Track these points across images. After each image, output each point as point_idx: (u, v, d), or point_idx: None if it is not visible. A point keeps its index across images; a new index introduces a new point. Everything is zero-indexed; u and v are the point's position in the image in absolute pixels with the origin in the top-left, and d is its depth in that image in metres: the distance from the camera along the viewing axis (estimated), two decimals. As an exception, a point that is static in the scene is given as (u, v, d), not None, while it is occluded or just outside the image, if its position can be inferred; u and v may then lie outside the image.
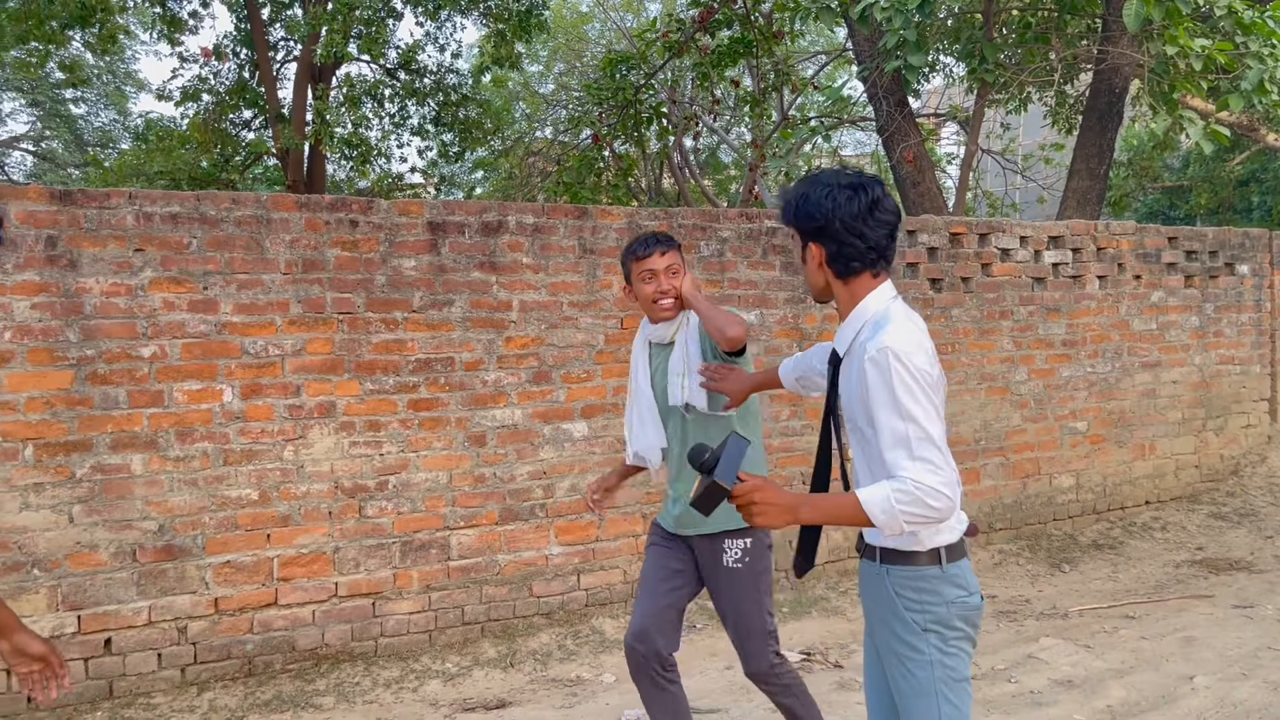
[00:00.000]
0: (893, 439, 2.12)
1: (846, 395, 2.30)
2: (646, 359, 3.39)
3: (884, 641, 2.32)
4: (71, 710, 4.20)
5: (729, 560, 3.20)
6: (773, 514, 2.14)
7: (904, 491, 2.07)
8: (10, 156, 23.64)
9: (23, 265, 4.10)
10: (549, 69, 21.15)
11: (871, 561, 2.34)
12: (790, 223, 2.34)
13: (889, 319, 2.22)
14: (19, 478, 4.11)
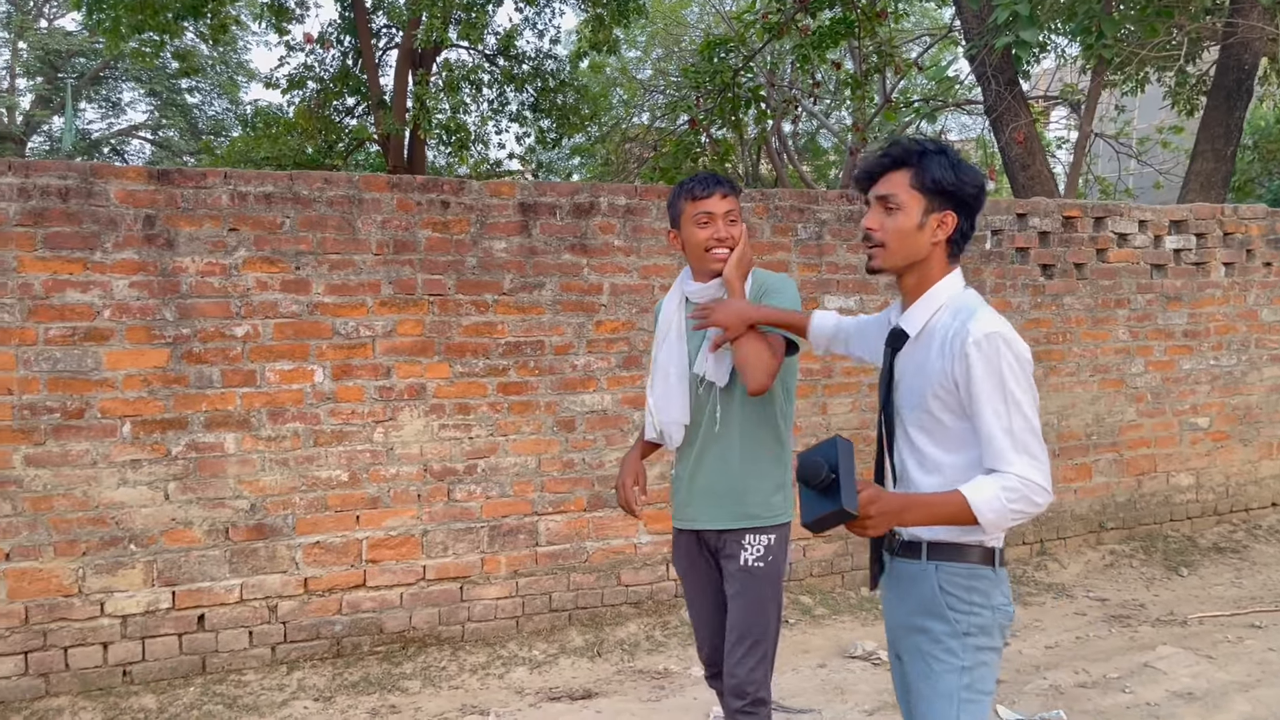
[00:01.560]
0: (998, 430, 2.00)
1: (916, 380, 2.15)
2: (682, 320, 2.96)
3: (912, 641, 2.16)
4: (166, 684, 4.26)
5: (748, 559, 2.87)
6: (883, 524, 1.98)
7: (1012, 489, 1.96)
8: (130, 144, 24.60)
9: (122, 244, 4.15)
10: (647, 54, 21.04)
11: (911, 558, 2.17)
12: (944, 180, 2.10)
13: (976, 304, 2.12)
14: (117, 454, 4.17)
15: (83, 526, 4.12)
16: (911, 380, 2.16)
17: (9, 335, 3.99)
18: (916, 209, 2.12)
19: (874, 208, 2.18)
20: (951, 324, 2.09)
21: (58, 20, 22.85)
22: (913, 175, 2.13)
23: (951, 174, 2.10)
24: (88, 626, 4.14)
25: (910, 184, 2.13)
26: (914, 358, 2.16)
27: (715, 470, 2.89)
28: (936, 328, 2.12)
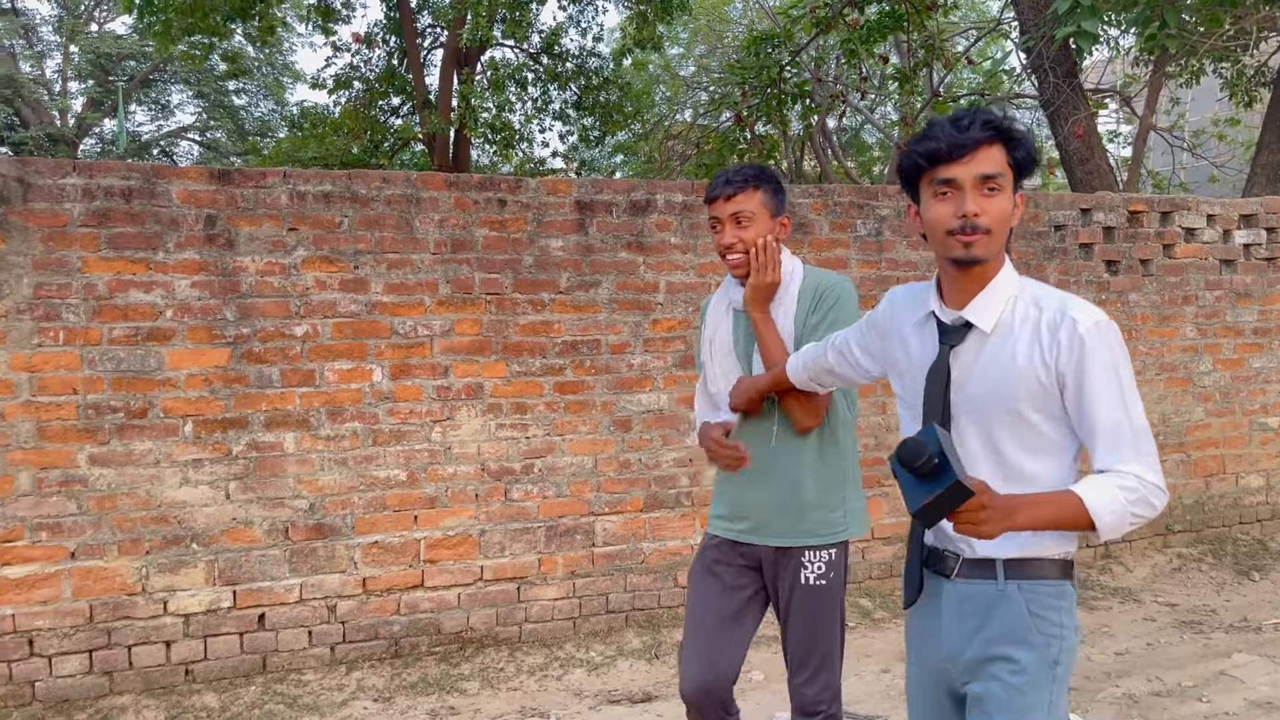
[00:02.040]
0: (1118, 425, 1.82)
1: (998, 377, 1.90)
2: (731, 324, 2.76)
3: (993, 675, 1.90)
4: (228, 683, 4.26)
5: (810, 576, 2.66)
6: (996, 521, 1.74)
7: (1132, 490, 1.79)
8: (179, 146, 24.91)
9: (183, 244, 4.16)
10: (689, 51, 20.94)
11: (983, 579, 1.93)
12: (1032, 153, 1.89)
13: (1058, 293, 1.93)
14: (179, 453, 4.18)
15: (146, 525, 4.14)
16: (989, 378, 1.91)
17: (74, 335, 4.02)
18: (1009, 189, 1.89)
19: (970, 188, 1.85)
20: (1041, 314, 1.88)
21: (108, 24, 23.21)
22: (1008, 151, 1.88)
23: (1033, 150, 1.90)
24: (151, 625, 4.16)
25: (1007, 161, 1.88)
26: (990, 353, 1.92)
27: (776, 484, 2.68)
28: (1019, 319, 1.90)
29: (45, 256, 3.96)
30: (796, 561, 2.66)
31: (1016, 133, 1.88)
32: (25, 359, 3.95)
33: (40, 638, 4.01)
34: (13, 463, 3.95)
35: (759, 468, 2.69)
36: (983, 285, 1.94)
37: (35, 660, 4.01)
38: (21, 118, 21.06)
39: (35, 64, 22.55)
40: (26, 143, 20.03)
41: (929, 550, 2.03)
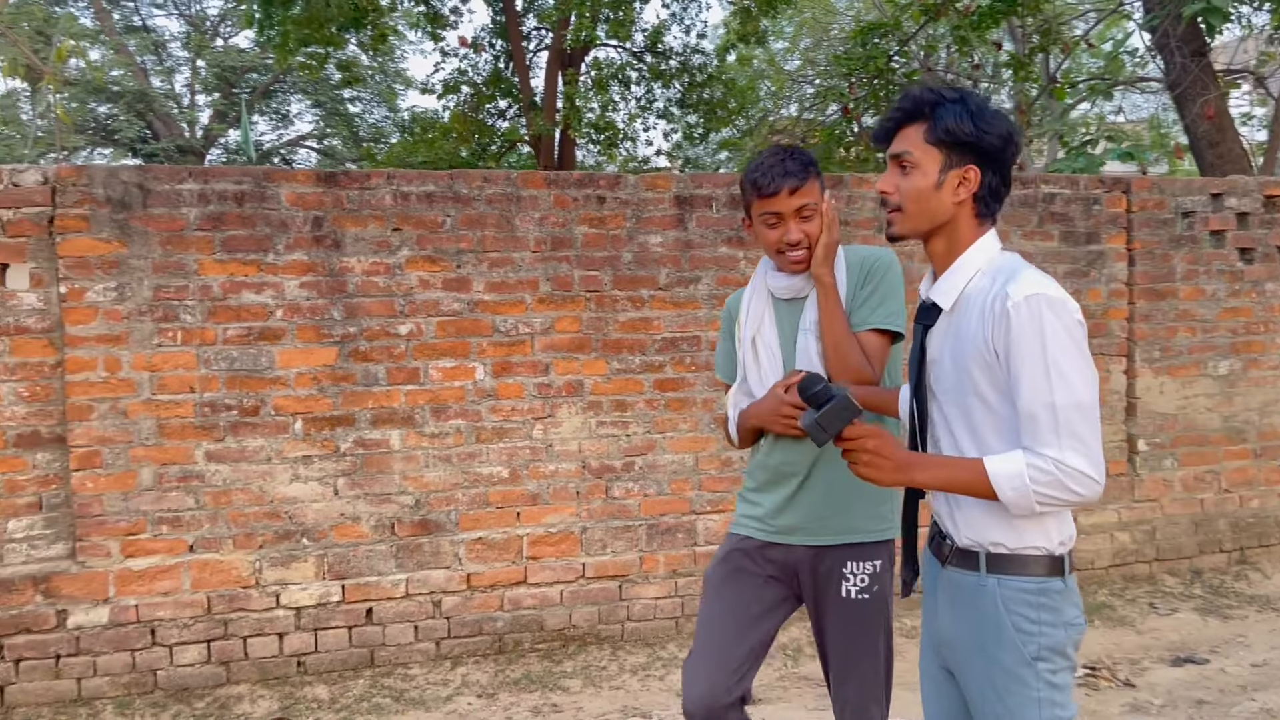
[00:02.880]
0: (1036, 405, 1.77)
1: (954, 356, 1.91)
2: (772, 315, 2.57)
3: (977, 669, 1.91)
4: (337, 675, 4.35)
5: (852, 589, 2.48)
6: (885, 469, 1.87)
7: (1043, 470, 1.75)
8: (298, 154, 25.79)
9: (292, 246, 4.26)
10: (795, 44, 20.71)
11: (967, 570, 1.93)
12: (960, 131, 1.87)
13: (1018, 265, 1.89)
14: (289, 450, 4.29)
15: (259, 520, 4.26)
16: (949, 358, 1.93)
17: (191, 335, 4.15)
18: (933, 166, 1.90)
19: (890, 168, 1.97)
20: (990, 288, 1.86)
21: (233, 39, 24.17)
22: (927, 129, 1.91)
23: (969, 123, 1.87)
24: (264, 617, 4.28)
25: (925, 139, 1.91)
26: (950, 332, 1.93)
27: (822, 483, 2.50)
28: (973, 295, 1.90)
29: (164, 260, 4.11)
30: (837, 572, 2.49)
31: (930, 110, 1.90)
32: (146, 358, 4.11)
33: (161, 628, 4.16)
34: (135, 459, 4.10)
35: (804, 463, 2.51)
36: (948, 263, 1.95)
37: (157, 649, 4.16)
38: (153, 130, 22.09)
39: (165, 79, 23.63)
40: (158, 154, 21.00)
41: (935, 532, 2.06)
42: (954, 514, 1.96)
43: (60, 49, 7.38)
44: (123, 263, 4.05)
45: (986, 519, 1.90)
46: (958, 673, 1.98)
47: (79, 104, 20.59)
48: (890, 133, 1.96)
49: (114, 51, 21.34)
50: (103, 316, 4.04)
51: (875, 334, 2.50)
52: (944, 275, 1.95)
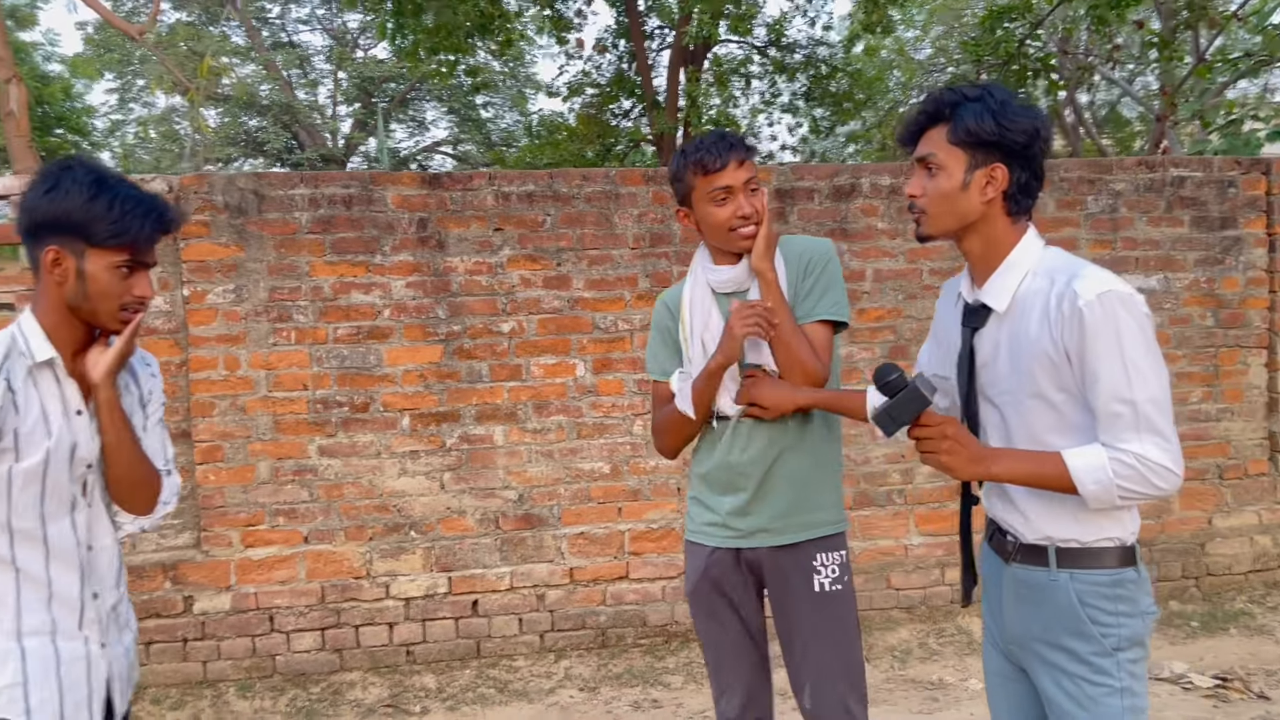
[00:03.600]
0: (1115, 403, 1.76)
1: (1014, 358, 1.89)
2: (717, 311, 2.45)
3: (1054, 665, 1.89)
4: (444, 665, 4.47)
5: (824, 582, 2.39)
6: (962, 458, 1.85)
7: (1126, 465, 1.75)
8: (433, 159, 26.60)
9: (398, 247, 4.39)
10: (925, 32, 20.17)
11: (1036, 565, 1.91)
12: (982, 130, 1.85)
13: (1077, 262, 1.87)
14: (398, 445, 4.42)
15: (369, 513, 4.40)
16: (1006, 359, 1.92)
17: (304, 335, 4.33)
18: (958, 167, 1.88)
19: (917, 170, 1.96)
20: (1051, 288, 1.84)
21: (372, 50, 25.10)
22: (949, 130, 1.89)
23: (991, 121, 1.85)
24: (375, 607, 4.42)
25: (948, 139, 1.89)
26: (1005, 334, 1.91)
27: (779, 476, 2.41)
28: (1032, 295, 1.87)
29: (278, 262, 4.29)
30: (806, 566, 2.41)
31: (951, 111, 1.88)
32: (263, 357, 4.30)
33: (279, 615, 4.35)
34: (254, 453, 4.30)
35: (763, 461, 2.42)
36: (992, 263, 1.93)
37: (275, 635, 4.35)
38: (298, 141, 23.15)
39: (310, 91, 24.71)
40: (303, 164, 21.98)
41: (994, 530, 2.04)
42: (1019, 510, 1.94)
43: (203, 65, 7.78)
44: (240, 266, 4.26)
45: (1057, 514, 1.88)
46: (1031, 669, 1.96)
47: (230, 118, 21.75)
48: (915, 135, 1.97)
49: (263, 67, 22.45)
50: (222, 317, 4.25)
51: (821, 325, 2.43)
52: (993, 276, 1.93)
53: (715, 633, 2.53)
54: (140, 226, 1.81)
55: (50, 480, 1.83)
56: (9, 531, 1.81)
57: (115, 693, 1.95)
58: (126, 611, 2.04)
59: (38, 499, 1.82)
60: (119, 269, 1.82)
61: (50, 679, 1.83)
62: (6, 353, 1.81)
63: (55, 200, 1.79)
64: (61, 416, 1.85)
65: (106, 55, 20.70)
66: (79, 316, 1.85)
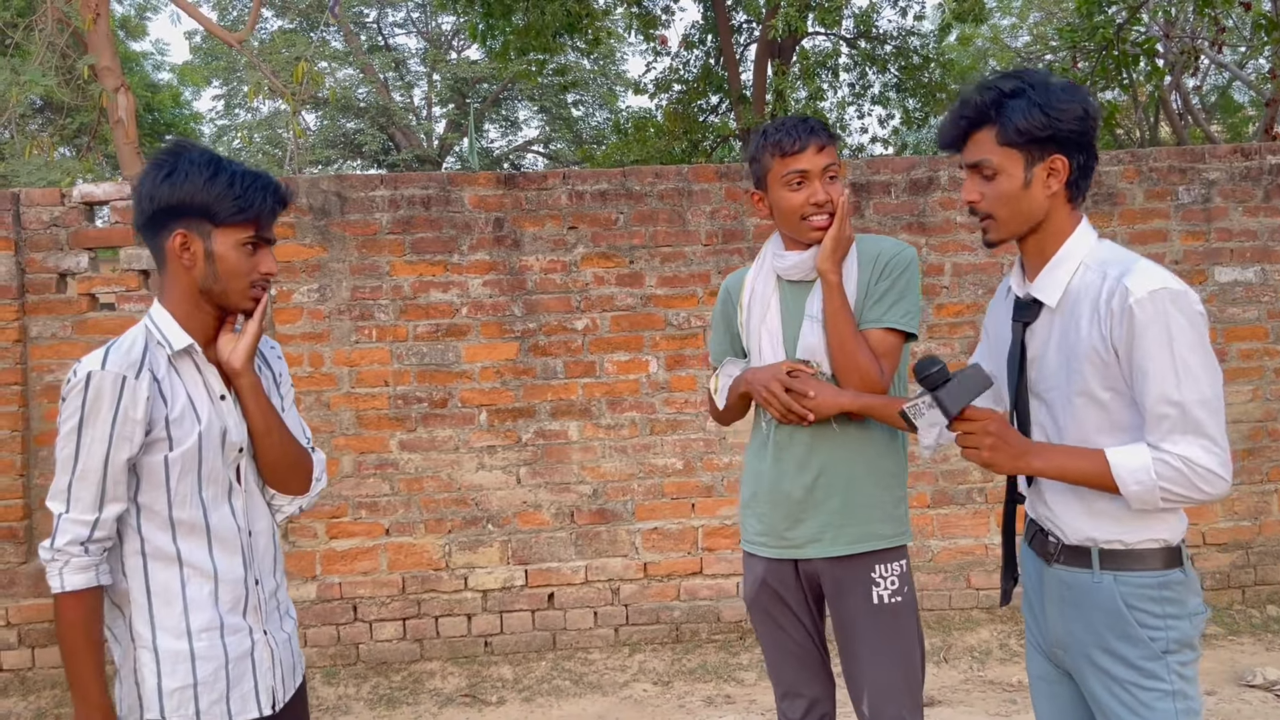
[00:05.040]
0: (1163, 403, 1.71)
1: (1063, 355, 1.85)
2: (778, 298, 2.40)
3: (1102, 668, 1.84)
4: (521, 657, 4.55)
5: (883, 594, 2.33)
6: (1004, 454, 1.81)
7: (1171, 467, 1.71)
8: (525, 159, 26.95)
9: (475, 246, 4.48)
10: (1023, 19, 19.65)
11: (1078, 567, 1.86)
12: (1033, 127, 1.78)
13: (1130, 257, 1.82)
14: (476, 440, 4.51)
15: (448, 506, 4.51)
16: (1055, 355, 1.86)
17: (385, 333, 4.45)
18: (1016, 167, 1.82)
19: (970, 175, 1.89)
20: (1103, 283, 1.78)
21: (465, 51, 25.55)
22: (998, 132, 1.82)
23: (1040, 115, 1.78)
24: (454, 598, 4.52)
25: (999, 141, 1.82)
26: (1055, 329, 1.86)
27: (831, 481, 2.33)
28: (1082, 290, 1.82)
29: (360, 262, 4.42)
30: (865, 578, 2.34)
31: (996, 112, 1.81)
32: (346, 354, 4.43)
33: (362, 605, 4.48)
34: (337, 447, 4.44)
35: (806, 463, 2.36)
36: (1045, 256, 1.88)
37: (359, 625, 4.48)
38: (395, 142, 23.70)
39: (405, 93, 25.27)
40: (399, 164, 22.51)
41: (1036, 530, 1.98)
42: (1060, 510, 1.90)
43: (297, 71, 8.03)
44: (323, 266, 4.40)
45: (1100, 515, 1.84)
46: (1077, 673, 1.92)
47: (329, 121, 22.38)
48: (959, 139, 1.90)
49: (360, 71, 23.04)
50: (307, 316, 4.39)
51: (888, 333, 2.33)
52: (1044, 270, 1.88)
53: (777, 639, 2.48)
54: (263, 200, 1.83)
55: (205, 466, 1.84)
56: (171, 526, 1.83)
57: (278, 680, 1.94)
58: (285, 599, 2.05)
59: (195, 487, 1.83)
60: (245, 246, 1.83)
61: (220, 679, 1.84)
62: (145, 345, 1.82)
63: (176, 184, 1.80)
64: (207, 402, 1.86)
65: (213, 63, 21.51)
66: (210, 299, 1.85)
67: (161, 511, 1.83)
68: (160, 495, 1.82)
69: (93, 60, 7.13)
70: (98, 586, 1.78)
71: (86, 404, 1.75)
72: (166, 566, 1.83)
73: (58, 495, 1.78)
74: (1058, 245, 1.87)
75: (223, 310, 1.89)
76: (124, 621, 1.85)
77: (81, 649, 1.77)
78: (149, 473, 1.81)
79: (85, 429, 1.75)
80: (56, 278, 4.36)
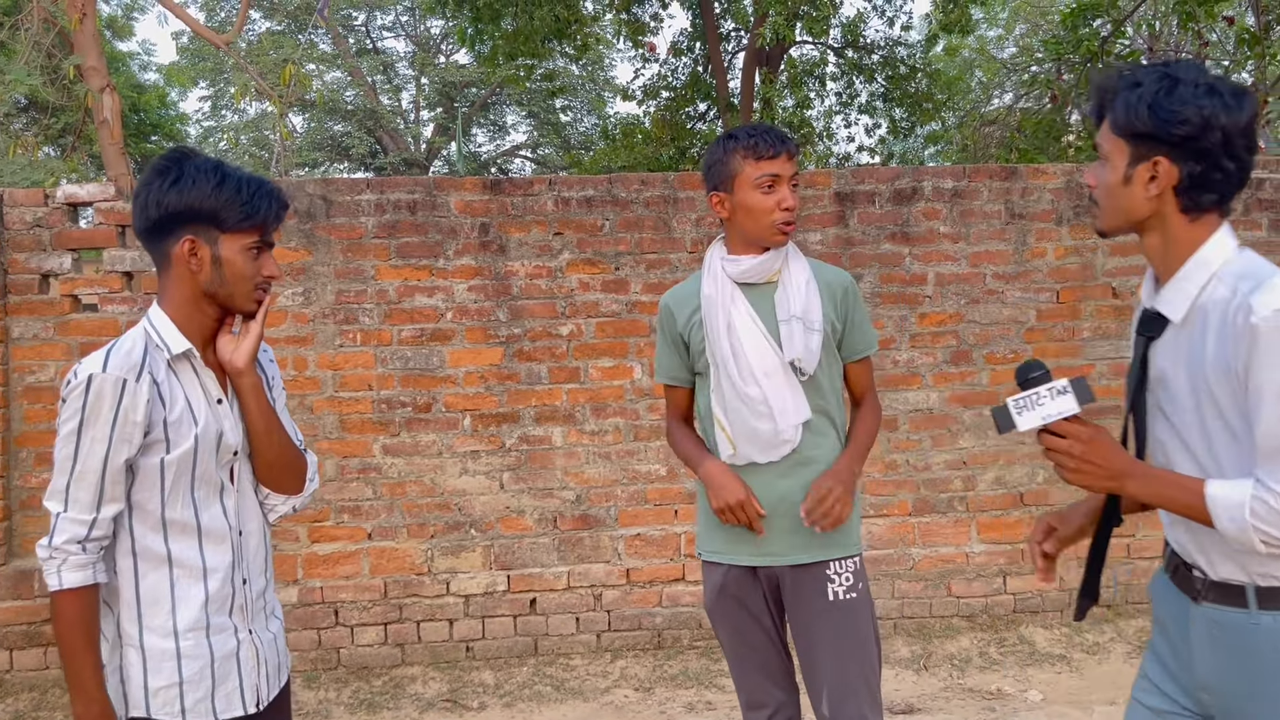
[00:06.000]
0: (1271, 439, 1.57)
1: (1186, 374, 1.70)
2: (745, 302, 2.41)
3: (1249, 712, 1.69)
4: (503, 662, 4.55)
5: (838, 590, 2.39)
6: (1097, 476, 1.69)
7: (1268, 506, 1.56)
8: (513, 163, 26.95)
9: (461, 251, 4.48)
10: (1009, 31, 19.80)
11: (1228, 605, 1.70)
12: (1134, 122, 1.66)
13: (1265, 271, 1.63)
14: (459, 445, 4.52)
15: (431, 511, 4.50)
16: (1183, 376, 1.71)
17: (369, 337, 4.45)
18: (1120, 159, 1.70)
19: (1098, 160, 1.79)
20: (1232, 299, 1.62)
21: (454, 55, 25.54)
22: (1112, 119, 1.71)
23: (1145, 111, 1.64)
24: (436, 603, 4.52)
25: (1111, 130, 1.71)
26: (1182, 347, 1.71)
27: (801, 487, 2.39)
28: (1210, 305, 1.66)
29: (345, 266, 4.42)
30: (820, 576, 2.40)
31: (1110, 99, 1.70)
32: (330, 358, 4.43)
33: (344, 609, 4.47)
34: (320, 451, 4.43)
35: (787, 474, 2.40)
36: (1172, 265, 1.71)
37: (340, 629, 4.48)
38: (382, 146, 23.65)
39: (393, 96, 25.25)
40: (385, 168, 22.47)
41: (1178, 564, 1.82)
42: (1204, 543, 1.74)
43: (284, 73, 8.02)
44: (308, 269, 4.39)
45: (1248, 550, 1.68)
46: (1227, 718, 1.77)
47: (317, 123, 22.33)
48: (1098, 121, 1.80)
49: (348, 74, 23.00)
50: (291, 319, 4.39)
51: (867, 360, 2.57)
52: (1170, 281, 1.73)
53: (740, 646, 2.53)
54: (269, 206, 1.87)
55: (200, 468, 1.87)
56: (163, 525, 1.85)
57: (262, 679, 1.97)
58: (273, 599, 2.08)
59: (189, 488, 1.86)
60: (250, 251, 1.87)
61: (205, 678, 1.87)
62: (145, 348, 1.84)
63: (184, 191, 1.82)
64: (205, 405, 1.89)
65: (200, 64, 21.45)
66: (216, 302, 1.88)
67: (154, 511, 1.85)
68: (154, 495, 1.84)
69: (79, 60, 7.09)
70: (95, 584, 1.81)
71: (87, 406, 1.77)
72: (156, 566, 1.86)
73: (56, 495, 1.80)
74: (1184, 256, 1.71)
75: (225, 312, 1.92)
76: (113, 619, 1.87)
77: (80, 646, 1.79)
78: (145, 473, 1.83)
79: (85, 430, 1.78)
80: (39, 279, 4.34)
